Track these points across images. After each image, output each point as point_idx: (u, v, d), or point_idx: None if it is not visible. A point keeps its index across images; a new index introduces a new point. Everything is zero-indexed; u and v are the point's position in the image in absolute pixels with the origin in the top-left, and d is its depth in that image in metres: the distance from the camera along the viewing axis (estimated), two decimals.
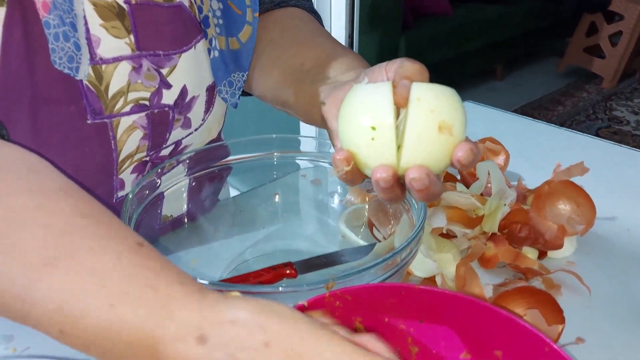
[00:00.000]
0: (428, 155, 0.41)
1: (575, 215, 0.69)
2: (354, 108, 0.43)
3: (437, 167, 0.42)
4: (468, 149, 0.40)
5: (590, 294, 0.62)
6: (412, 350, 0.47)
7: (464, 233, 0.66)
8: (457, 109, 0.41)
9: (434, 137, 0.40)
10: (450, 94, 0.42)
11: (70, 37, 0.50)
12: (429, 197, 0.43)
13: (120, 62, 0.53)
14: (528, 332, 0.42)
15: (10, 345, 0.54)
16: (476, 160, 0.42)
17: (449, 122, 0.40)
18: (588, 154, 0.72)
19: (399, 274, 0.52)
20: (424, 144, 0.41)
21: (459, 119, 0.41)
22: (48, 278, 0.33)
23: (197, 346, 0.31)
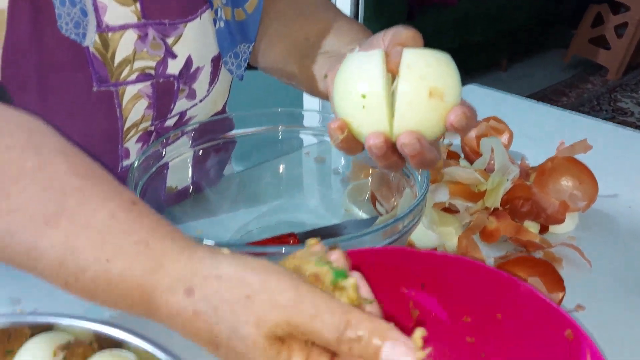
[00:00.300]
0: (420, 121, 0.41)
1: (577, 192, 0.70)
2: (345, 77, 0.43)
3: (430, 132, 0.42)
4: (461, 113, 0.40)
5: (590, 267, 0.62)
6: (412, 314, 0.48)
7: (466, 207, 0.67)
8: (449, 74, 0.41)
9: (424, 103, 0.41)
10: (443, 59, 0.42)
11: (77, 2, 0.50)
12: (424, 163, 0.43)
13: (126, 30, 0.54)
14: (528, 293, 0.42)
15: (18, 307, 0.55)
16: (471, 124, 0.42)
17: (440, 88, 0.40)
18: (592, 136, 0.72)
19: (400, 242, 0.52)
20: (415, 110, 0.41)
21: (451, 85, 0.41)
22: (49, 236, 0.36)
23: (185, 298, 0.33)
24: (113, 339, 0.45)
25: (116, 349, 0.44)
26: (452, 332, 0.47)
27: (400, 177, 0.63)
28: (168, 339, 0.51)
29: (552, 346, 0.41)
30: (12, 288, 0.58)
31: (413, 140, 0.41)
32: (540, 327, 0.42)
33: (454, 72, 0.42)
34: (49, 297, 0.57)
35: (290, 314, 0.30)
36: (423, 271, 0.46)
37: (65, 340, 0.44)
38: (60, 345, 0.43)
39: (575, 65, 3.63)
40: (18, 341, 0.43)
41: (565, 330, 0.40)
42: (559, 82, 3.47)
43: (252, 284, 0.32)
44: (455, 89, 0.42)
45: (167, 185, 0.64)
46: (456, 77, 0.42)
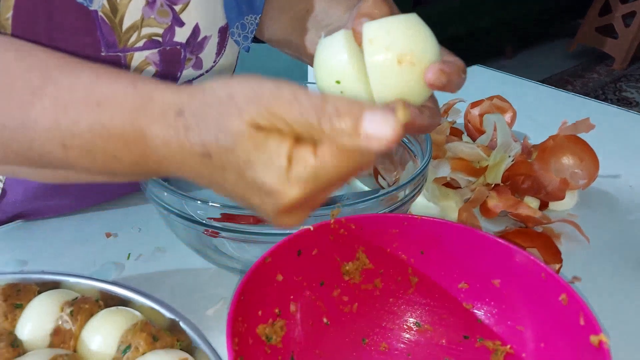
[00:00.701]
0: (399, 90, 0.41)
1: (578, 170, 0.70)
2: (317, 67, 0.43)
3: (414, 97, 0.41)
4: (437, 70, 0.39)
5: (589, 243, 0.63)
6: (411, 280, 0.48)
7: (467, 183, 0.67)
8: (415, 36, 0.40)
9: (396, 72, 0.40)
10: (406, 22, 0.41)
11: None
12: (420, 129, 0.43)
13: None
14: (525, 260, 0.43)
15: (25, 268, 0.56)
16: (454, 79, 0.41)
17: (408, 53, 0.39)
18: (595, 118, 0.73)
19: (401, 211, 0.53)
20: (389, 82, 0.40)
21: (420, 46, 0.40)
22: (39, 103, 0.37)
23: (176, 119, 0.33)
24: (119, 298, 0.47)
25: (122, 307, 0.45)
26: (449, 298, 0.48)
27: (402, 151, 0.64)
28: (171, 298, 0.52)
29: (547, 311, 0.42)
30: (19, 251, 0.59)
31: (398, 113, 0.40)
32: (536, 292, 0.43)
33: (421, 32, 0.41)
34: (55, 260, 0.58)
35: (270, 102, 0.31)
36: (422, 238, 0.47)
37: (72, 297, 0.45)
38: (67, 302, 0.44)
39: (581, 54, 3.61)
40: (26, 297, 0.45)
41: (560, 295, 0.41)
42: (564, 71, 3.46)
43: (234, 85, 0.33)
44: (426, 49, 0.40)
45: None
46: (424, 36, 0.41)
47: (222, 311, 0.53)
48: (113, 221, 0.65)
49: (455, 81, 0.41)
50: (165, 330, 0.43)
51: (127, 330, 0.42)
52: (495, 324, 0.46)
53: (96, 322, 0.43)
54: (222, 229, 0.48)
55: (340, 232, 0.46)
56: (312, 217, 0.47)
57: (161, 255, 0.60)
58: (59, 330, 0.42)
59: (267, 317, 0.42)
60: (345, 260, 0.47)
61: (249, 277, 0.40)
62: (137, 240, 0.62)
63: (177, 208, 0.49)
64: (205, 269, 0.57)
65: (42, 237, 0.62)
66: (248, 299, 0.39)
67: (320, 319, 0.46)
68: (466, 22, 3.14)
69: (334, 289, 0.47)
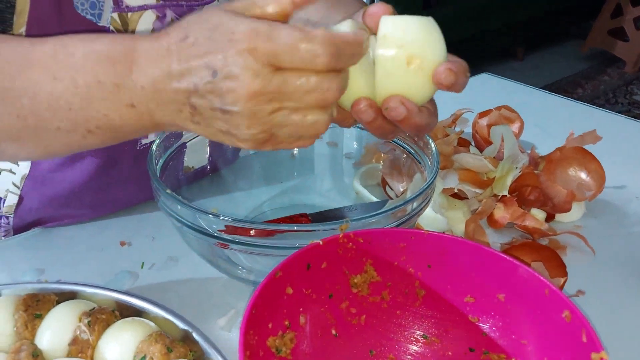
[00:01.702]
0: (402, 88, 0.42)
1: (585, 181, 0.71)
2: None
3: (416, 96, 0.42)
4: (446, 69, 0.41)
5: (594, 254, 0.64)
6: (418, 293, 0.50)
7: (474, 194, 0.68)
8: (428, 39, 0.41)
9: (404, 71, 0.41)
10: (421, 25, 0.41)
11: None
12: (417, 128, 0.44)
13: (145, 11, 0.56)
14: (529, 276, 0.44)
15: (42, 277, 0.58)
16: (461, 80, 0.42)
17: (418, 55, 0.41)
18: (602, 127, 0.73)
19: (409, 224, 0.54)
20: (395, 79, 0.41)
21: (431, 49, 0.41)
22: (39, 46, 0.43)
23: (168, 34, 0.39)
24: (134, 308, 0.48)
25: (137, 317, 0.47)
26: (456, 311, 0.49)
27: (410, 162, 0.65)
28: (184, 307, 0.54)
29: (550, 326, 0.43)
30: (37, 259, 0.61)
31: (396, 103, 0.42)
32: (540, 308, 0.44)
33: (434, 36, 0.42)
34: (71, 268, 0.60)
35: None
36: (429, 252, 0.48)
37: (89, 307, 0.47)
38: (84, 312, 0.46)
39: (592, 57, 3.59)
40: (46, 307, 0.46)
41: (563, 312, 0.42)
42: (575, 74, 3.44)
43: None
44: (436, 53, 0.41)
45: (185, 165, 0.67)
46: (437, 40, 0.42)
47: (234, 321, 0.54)
48: (127, 229, 0.66)
49: (461, 81, 0.42)
50: (178, 341, 0.45)
51: (142, 341, 0.43)
52: (500, 338, 0.47)
53: (113, 332, 0.44)
54: (232, 241, 0.50)
55: (349, 246, 0.47)
56: (322, 231, 0.48)
57: (174, 265, 0.61)
58: (77, 340, 0.44)
59: (277, 329, 0.44)
60: (353, 273, 0.48)
61: (260, 291, 0.41)
62: (150, 249, 0.63)
63: (190, 220, 0.51)
64: (216, 278, 0.59)
65: (59, 245, 0.64)
66: (259, 312, 0.41)
67: (328, 331, 0.47)
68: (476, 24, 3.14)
69: (343, 301, 0.48)
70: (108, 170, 0.64)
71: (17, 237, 0.66)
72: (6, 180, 0.65)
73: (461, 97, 1.05)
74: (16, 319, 0.45)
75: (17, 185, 0.65)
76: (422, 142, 0.62)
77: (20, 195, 0.65)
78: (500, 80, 1.14)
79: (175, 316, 0.47)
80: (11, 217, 0.66)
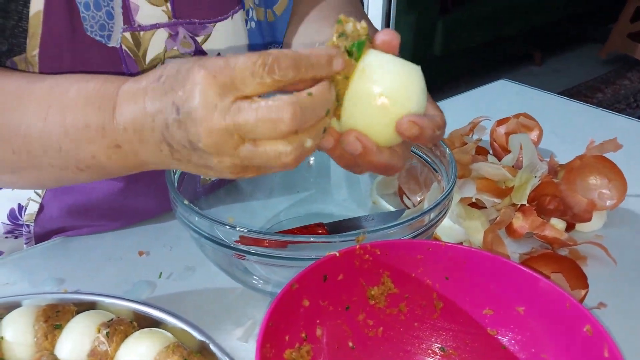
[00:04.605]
0: (366, 124, 0.41)
1: (605, 190, 0.70)
2: None
3: (379, 138, 0.42)
4: (409, 121, 0.40)
5: (616, 265, 0.63)
6: (436, 306, 0.49)
7: (493, 203, 0.68)
8: (406, 85, 0.40)
9: (371, 108, 0.40)
10: (406, 70, 0.41)
11: (103, 5, 0.53)
12: (374, 167, 0.43)
13: (157, 29, 0.56)
14: (550, 289, 0.44)
15: (62, 286, 0.59)
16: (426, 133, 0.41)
17: (391, 97, 0.40)
18: (623, 134, 0.72)
19: (427, 235, 0.53)
20: (361, 113, 0.41)
21: (406, 96, 0.40)
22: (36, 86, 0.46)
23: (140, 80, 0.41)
24: (151, 319, 0.48)
25: (155, 328, 0.47)
26: (474, 324, 0.48)
27: (428, 172, 0.65)
28: (200, 318, 0.54)
29: (571, 340, 0.42)
30: (57, 269, 0.62)
31: (352, 139, 0.41)
32: (560, 321, 0.43)
33: (414, 85, 0.41)
34: (90, 278, 0.61)
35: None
36: (447, 264, 0.48)
37: (108, 318, 0.47)
38: (103, 323, 0.46)
39: (613, 61, 3.54)
40: (65, 317, 0.47)
41: (584, 326, 0.41)
42: (594, 78, 3.40)
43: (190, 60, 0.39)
44: (408, 100, 0.41)
45: (201, 177, 0.67)
46: (415, 90, 0.41)
47: (250, 331, 0.54)
48: (145, 239, 0.67)
49: (428, 135, 0.41)
50: (195, 352, 0.45)
51: (160, 352, 0.44)
52: (520, 351, 0.46)
53: (131, 343, 0.45)
54: (249, 252, 0.50)
55: (366, 257, 0.47)
56: (339, 242, 0.48)
57: (191, 274, 0.61)
58: (96, 351, 0.44)
59: (293, 341, 0.44)
60: (370, 285, 0.48)
61: (277, 304, 0.41)
62: (168, 259, 0.64)
63: (207, 231, 0.51)
64: (233, 289, 0.59)
65: (79, 255, 0.64)
66: (276, 325, 0.41)
67: (345, 343, 0.47)
68: (494, 29, 3.12)
69: (360, 313, 0.48)
70: (127, 184, 0.65)
71: (38, 246, 0.67)
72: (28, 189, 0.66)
73: (478, 105, 1.05)
74: (36, 329, 0.45)
75: (39, 193, 0.66)
76: (439, 151, 0.62)
77: (41, 203, 0.66)
78: (518, 87, 1.13)
79: (193, 327, 0.47)
80: (32, 225, 0.67)
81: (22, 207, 0.67)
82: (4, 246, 0.70)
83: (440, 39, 2.82)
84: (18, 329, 0.45)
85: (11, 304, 0.48)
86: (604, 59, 3.56)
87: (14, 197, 0.66)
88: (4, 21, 0.50)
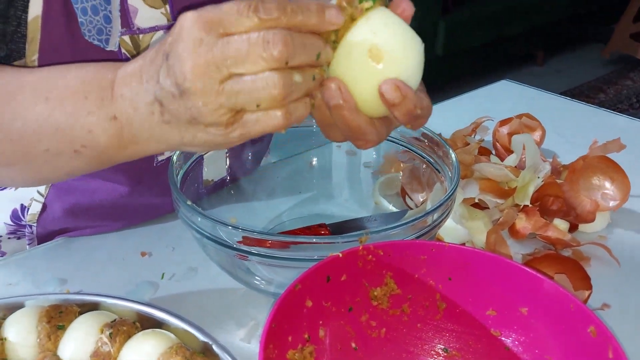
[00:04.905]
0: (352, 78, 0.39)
1: (609, 191, 0.70)
2: None
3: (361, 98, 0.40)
4: (394, 84, 0.38)
5: (619, 266, 0.62)
6: (439, 306, 0.49)
7: (495, 204, 0.68)
8: (404, 48, 0.39)
9: (361, 61, 0.38)
10: (409, 35, 0.39)
11: (100, 10, 0.53)
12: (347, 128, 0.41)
13: (156, 32, 0.56)
14: (554, 290, 0.44)
15: (64, 287, 0.59)
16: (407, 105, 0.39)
17: (382, 51, 0.38)
18: (626, 134, 0.72)
19: (430, 235, 0.53)
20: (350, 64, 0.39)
21: (400, 58, 0.39)
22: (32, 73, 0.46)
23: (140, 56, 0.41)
24: (154, 320, 0.48)
25: (158, 329, 0.47)
26: (477, 325, 0.48)
27: (430, 172, 0.65)
28: (203, 318, 0.54)
29: (576, 342, 0.42)
30: (59, 270, 0.62)
31: (333, 86, 0.39)
32: (564, 323, 0.43)
33: (413, 53, 0.39)
34: (93, 278, 0.61)
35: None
36: (450, 265, 0.48)
37: (111, 319, 0.47)
38: (106, 323, 0.46)
39: (615, 61, 3.54)
40: (68, 318, 0.47)
41: (588, 327, 0.41)
42: (597, 78, 3.39)
43: None
44: (404, 66, 0.39)
45: (204, 178, 0.67)
46: (413, 58, 0.39)
47: (253, 332, 0.54)
48: (148, 239, 0.67)
49: (408, 108, 0.40)
50: (198, 353, 0.45)
51: (163, 353, 0.44)
52: (523, 352, 0.46)
53: (134, 344, 0.44)
54: (251, 253, 0.50)
55: (369, 258, 0.47)
56: (342, 243, 0.48)
57: (193, 275, 0.61)
58: (99, 352, 0.44)
59: (296, 342, 0.44)
60: (373, 286, 0.48)
61: (280, 304, 0.41)
62: (170, 260, 0.64)
63: (209, 232, 0.51)
64: (236, 289, 0.59)
65: (81, 256, 0.64)
66: (279, 325, 0.41)
67: (348, 344, 0.47)
68: (496, 29, 3.12)
69: (363, 314, 0.48)
70: (129, 185, 0.65)
71: (41, 247, 0.67)
72: (31, 189, 0.66)
73: (481, 105, 1.05)
74: (39, 330, 0.45)
75: (42, 193, 0.66)
76: (442, 151, 0.62)
77: (44, 203, 0.66)
78: (520, 87, 1.12)
79: (196, 328, 0.47)
80: (34, 225, 0.68)
81: (24, 207, 0.67)
82: (7, 247, 0.70)
83: (442, 39, 2.82)
84: (21, 330, 0.45)
85: (14, 304, 0.48)
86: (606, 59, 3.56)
87: (16, 197, 0.66)
88: (4, 26, 0.50)
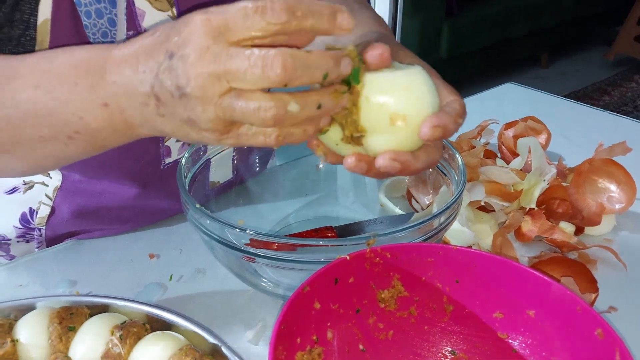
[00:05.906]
0: (389, 144, 0.41)
1: (614, 194, 0.70)
2: None
3: (406, 148, 0.41)
4: (431, 126, 0.39)
5: (626, 269, 0.63)
6: (447, 309, 0.49)
7: (501, 206, 0.68)
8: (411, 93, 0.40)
9: (388, 130, 0.40)
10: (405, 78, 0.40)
11: (105, 13, 0.53)
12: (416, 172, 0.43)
13: None
14: (561, 292, 0.44)
15: (74, 289, 0.59)
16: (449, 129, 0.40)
17: (401, 113, 0.39)
18: (631, 136, 0.72)
19: (436, 238, 0.54)
20: (381, 138, 0.40)
21: (415, 103, 0.40)
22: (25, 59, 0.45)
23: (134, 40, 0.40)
24: (163, 321, 0.49)
25: (167, 331, 0.48)
26: (484, 327, 0.48)
27: (436, 175, 0.65)
28: (211, 320, 0.54)
29: (583, 344, 0.42)
30: (69, 271, 0.62)
31: (387, 161, 0.40)
32: (571, 325, 0.43)
33: (419, 88, 0.40)
34: (103, 280, 0.61)
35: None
36: (457, 267, 0.48)
37: (121, 320, 0.47)
38: (117, 325, 0.46)
39: (619, 64, 3.53)
40: (79, 320, 0.47)
41: (595, 330, 0.41)
42: (601, 81, 3.39)
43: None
44: (421, 108, 0.40)
45: (210, 180, 0.67)
46: (423, 92, 0.40)
47: (261, 334, 0.54)
48: (156, 241, 0.67)
49: (452, 129, 0.41)
50: (207, 354, 0.45)
51: (173, 355, 0.44)
52: (530, 355, 0.46)
53: (144, 346, 0.45)
54: (259, 255, 0.50)
55: (376, 260, 0.47)
56: (349, 245, 0.48)
57: (201, 277, 0.62)
58: (109, 353, 0.45)
59: (305, 344, 0.44)
60: (380, 288, 0.48)
61: (289, 307, 0.41)
62: (178, 261, 0.64)
63: (218, 234, 0.52)
64: (243, 291, 0.59)
65: (91, 258, 0.65)
66: (287, 327, 0.41)
67: (356, 346, 0.47)
68: (500, 31, 3.12)
69: (370, 316, 0.48)
70: (137, 187, 0.66)
71: (51, 249, 0.67)
72: (39, 193, 0.66)
73: (486, 108, 1.05)
74: (50, 331, 0.46)
75: (50, 196, 0.66)
76: (448, 154, 0.62)
77: (52, 206, 0.67)
78: (525, 90, 1.13)
79: (205, 330, 0.47)
80: (43, 228, 0.68)
81: (33, 210, 0.67)
82: (16, 250, 0.71)
83: (446, 42, 2.83)
84: (33, 331, 0.46)
85: (25, 306, 0.49)
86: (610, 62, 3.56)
87: (25, 200, 0.67)
88: (10, 30, 0.51)
